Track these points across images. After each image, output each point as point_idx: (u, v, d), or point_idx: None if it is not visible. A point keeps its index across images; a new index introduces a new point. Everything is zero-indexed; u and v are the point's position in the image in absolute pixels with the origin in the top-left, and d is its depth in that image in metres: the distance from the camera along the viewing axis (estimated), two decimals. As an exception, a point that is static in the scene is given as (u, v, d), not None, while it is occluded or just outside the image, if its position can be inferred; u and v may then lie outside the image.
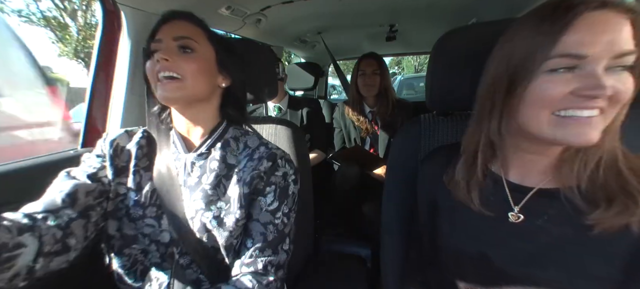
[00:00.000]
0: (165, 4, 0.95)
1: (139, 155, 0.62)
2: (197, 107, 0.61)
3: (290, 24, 1.64)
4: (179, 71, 0.55)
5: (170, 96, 0.56)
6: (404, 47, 2.52)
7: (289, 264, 0.87)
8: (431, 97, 0.70)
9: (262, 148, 0.62)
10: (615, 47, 0.36)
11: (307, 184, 0.94)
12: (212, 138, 0.62)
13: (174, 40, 0.56)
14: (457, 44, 0.65)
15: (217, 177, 0.59)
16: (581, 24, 0.37)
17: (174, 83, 0.55)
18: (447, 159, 0.55)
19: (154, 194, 0.60)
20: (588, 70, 0.37)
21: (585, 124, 0.38)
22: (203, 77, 0.58)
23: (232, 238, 0.57)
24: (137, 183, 0.60)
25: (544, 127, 0.40)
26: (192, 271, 0.59)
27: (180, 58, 0.56)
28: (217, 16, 1.18)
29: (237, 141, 0.64)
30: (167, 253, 0.59)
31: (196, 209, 0.58)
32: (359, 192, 1.46)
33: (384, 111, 1.57)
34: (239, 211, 0.57)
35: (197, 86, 0.57)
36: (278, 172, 0.60)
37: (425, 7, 1.54)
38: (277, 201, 0.59)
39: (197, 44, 0.58)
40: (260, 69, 0.85)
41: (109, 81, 0.96)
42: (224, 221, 0.57)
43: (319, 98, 2.55)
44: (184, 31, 0.57)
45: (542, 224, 0.44)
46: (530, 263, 0.44)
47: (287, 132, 0.90)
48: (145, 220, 0.59)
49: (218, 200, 0.58)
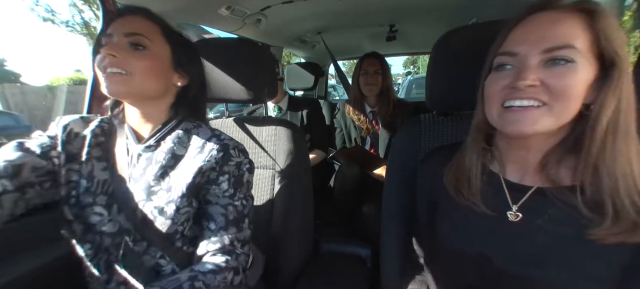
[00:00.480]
0: (165, 3, 0.95)
1: (92, 143, 0.61)
2: (148, 104, 0.60)
3: (290, 24, 1.64)
4: (127, 68, 0.54)
5: (114, 90, 0.55)
6: (404, 47, 2.51)
7: (289, 264, 0.87)
8: (431, 97, 0.70)
9: (213, 140, 0.62)
10: (545, 42, 0.40)
11: (307, 184, 0.94)
12: (162, 132, 0.62)
13: (124, 36, 0.55)
14: (457, 44, 0.65)
15: (162, 168, 0.59)
16: (521, 26, 0.43)
17: (119, 77, 0.54)
18: (447, 158, 0.55)
19: (105, 183, 0.60)
20: (520, 65, 0.42)
21: (521, 114, 0.41)
22: (154, 75, 0.57)
23: (175, 225, 0.58)
24: (89, 172, 0.59)
25: (495, 119, 0.45)
26: (149, 256, 0.59)
27: (130, 55, 0.54)
28: (217, 16, 1.18)
29: (189, 133, 0.64)
30: (113, 242, 0.59)
31: (138, 200, 0.58)
32: (359, 193, 1.46)
33: (385, 111, 1.56)
34: (180, 199, 0.58)
35: (146, 83, 0.56)
36: (231, 161, 0.61)
37: (425, 7, 1.54)
38: (232, 188, 0.61)
39: (149, 42, 0.56)
40: (260, 69, 0.85)
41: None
42: (165, 209, 0.58)
43: (319, 98, 2.55)
44: (136, 27, 0.56)
45: (542, 224, 0.44)
46: (530, 263, 0.44)
47: (287, 132, 0.90)
48: (94, 208, 0.58)
49: (160, 191, 0.59)
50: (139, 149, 0.61)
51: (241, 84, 0.82)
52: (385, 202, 0.78)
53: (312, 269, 0.89)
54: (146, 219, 0.58)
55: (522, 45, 0.42)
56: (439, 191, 0.56)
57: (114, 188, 0.59)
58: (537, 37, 0.40)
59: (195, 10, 1.12)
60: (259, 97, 0.84)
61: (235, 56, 0.83)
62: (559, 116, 0.40)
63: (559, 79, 0.39)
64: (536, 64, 0.40)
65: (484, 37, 0.49)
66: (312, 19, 1.61)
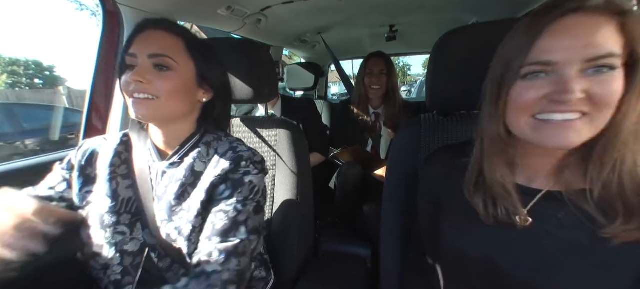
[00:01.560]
0: (165, 4, 0.95)
1: (117, 162, 0.60)
2: (173, 124, 0.59)
3: (291, 24, 1.64)
4: (153, 92, 0.53)
5: (141, 115, 0.54)
6: (404, 47, 2.52)
7: (289, 264, 0.87)
8: (431, 97, 0.70)
9: (230, 153, 0.60)
10: (588, 51, 0.36)
11: (308, 185, 0.94)
12: (185, 148, 0.60)
13: (149, 58, 0.53)
14: (457, 44, 0.65)
15: (182, 186, 0.58)
16: (552, 30, 0.38)
17: (147, 102, 0.53)
18: (451, 160, 0.55)
19: (130, 201, 0.59)
20: (559, 75, 0.38)
21: (562, 128, 0.38)
22: (180, 97, 0.56)
23: (193, 245, 0.55)
24: (114, 190, 0.58)
25: (526, 130, 0.41)
26: (172, 273, 0.58)
27: (155, 77, 0.53)
28: (217, 16, 1.18)
29: (209, 147, 0.62)
30: (132, 263, 0.57)
31: (161, 220, 0.58)
32: (360, 193, 1.45)
33: (390, 112, 1.53)
34: (195, 219, 0.56)
35: (172, 106, 0.55)
36: (239, 170, 0.58)
37: (426, 7, 1.54)
38: (230, 190, 0.56)
39: (174, 62, 0.54)
40: (260, 69, 0.85)
41: (109, 81, 0.96)
42: (183, 230, 0.56)
43: (319, 98, 2.55)
44: (160, 47, 0.54)
45: (551, 230, 0.43)
46: (538, 269, 0.43)
47: (287, 133, 0.90)
48: (118, 227, 0.57)
49: (180, 211, 0.57)
50: (163, 166, 0.60)
51: (241, 84, 0.82)
52: (385, 202, 0.78)
53: (312, 269, 0.89)
54: (168, 238, 0.57)
55: (560, 53, 0.37)
56: (443, 192, 0.55)
57: (138, 206, 0.58)
58: (578, 45, 0.37)
59: (195, 10, 1.12)
60: (259, 97, 0.84)
61: (235, 56, 0.83)
62: (599, 125, 0.38)
63: (604, 89, 0.37)
64: (577, 73, 0.37)
65: (484, 37, 0.48)
66: (312, 19, 1.61)
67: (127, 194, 0.59)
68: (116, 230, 0.57)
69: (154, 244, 0.58)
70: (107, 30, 0.93)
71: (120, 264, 0.56)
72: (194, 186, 0.58)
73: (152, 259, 0.58)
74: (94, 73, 0.94)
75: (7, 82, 11.21)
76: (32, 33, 32.32)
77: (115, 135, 0.65)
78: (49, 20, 38.40)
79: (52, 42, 35.70)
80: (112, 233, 0.56)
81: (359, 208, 1.48)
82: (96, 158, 0.61)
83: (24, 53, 23.37)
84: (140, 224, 0.58)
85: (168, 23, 0.56)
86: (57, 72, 13.96)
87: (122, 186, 0.59)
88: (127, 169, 0.61)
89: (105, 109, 0.97)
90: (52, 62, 17.72)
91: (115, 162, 0.60)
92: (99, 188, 0.58)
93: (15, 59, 13.05)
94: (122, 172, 0.60)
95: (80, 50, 31.35)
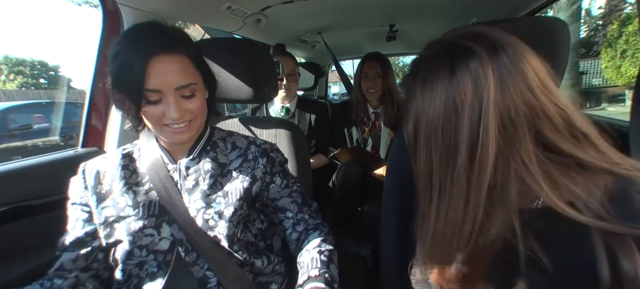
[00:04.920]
0: (165, 3, 0.95)
1: (126, 175, 0.63)
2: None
3: (291, 24, 1.64)
4: (188, 117, 0.57)
5: (180, 139, 0.58)
6: (404, 47, 2.51)
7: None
8: (431, 97, 0.70)
9: (253, 147, 0.68)
10: None
11: (307, 185, 0.94)
12: (200, 144, 0.65)
13: (175, 91, 0.54)
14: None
15: (213, 177, 0.63)
16: None
17: (187, 128, 0.57)
18: None
19: (151, 204, 0.61)
20: None
21: None
22: (205, 108, 0.61)
23: (233, 227, 0.62)
24: (133, 199, 0.61)
25: None
26: (198, 267, 0.62)
27: (185, 103, 0.56)
28: (217, 16, 1.18)
29: (225, 142, 0.69)
30: (164, 260, 0.61)
31: (197, 208, 0.61)
32: (360, 193, 1.45)
33: (389, 112, 1.54)
34: (237, 202, 0.62)
35: (201, 120, 0.61)
36: (275, 162, 0.69)
37: (426, 7, 1.54)
38: (285, 179, 0.70)
39: (196, 85, 0.57)
40: (260, 69, 0.85)
41: (109, 81, 0.96)
42: (224, 213, 0.61)
43: (320, 98, 2.55)
44: (183, 76, 0.55)
45: None
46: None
47: (288, 133, 0.90)
48: (144, 231, 0.59)
49: (217, 197, 0.62)
50: (185, 162, 0.64)
51: (241, 84, 0.82)
52: (385, 201, 0.78)
53: (312, 269, 0.88)
54: (204, 227, 0.60)
55: None
56: None
57: (162, 205, 0.61)
58: None
59: (195, 10, 1.12)
60: (259, 97, 0.84)
61: (235, 56, 0.83)
62: None
63: None
64: None
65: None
66: (312, 19, 1.61)
67: (146, 199, 0.61)
68: (144, 233, 0.59)
69: (181, 239, 0.61)
70: (107, 31, 0.93)
71: (154, 259, 0.61)
72: (224, 176, 0.65)
73: (180, 252, 0.61)
74: (94, 73, 0.94)
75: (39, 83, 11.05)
76: (37, 33, 32.34)
77: (114, 152, 0.67)
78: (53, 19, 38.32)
79: (58, 41, 35.66)
80: (141, 237, 0.59)
81: (358, 208, 1.48)
82: (103, 176, 0.63)
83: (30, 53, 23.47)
84: (166, 223, 0.61)
85: (177, 44, 0.55)
86: (62, 72, 14.06)
87: (140, 193, 0.62)
88: (139, 177, 0.63)
89: (105, 109, 0.97)
90: (57, 62, 17.76)
91: (125, 175, 0.62)
92: (116, 202, 0.61)
93: (21, 59, 13.11)
94: (135, 180, 0.63)
95: (86, 48, 31.41)
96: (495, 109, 0.36)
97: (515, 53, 0.37)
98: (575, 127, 0.38)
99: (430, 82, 0.39)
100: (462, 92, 0.37)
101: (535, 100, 0.37)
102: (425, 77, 0.40)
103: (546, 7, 1.39)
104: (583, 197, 0.35)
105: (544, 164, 0.37)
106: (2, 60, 12.84)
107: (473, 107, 0.36)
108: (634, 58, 6.54)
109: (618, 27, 6.88)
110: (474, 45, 0.38)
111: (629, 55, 6.67)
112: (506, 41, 0.38)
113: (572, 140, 0.38)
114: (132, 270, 0.61)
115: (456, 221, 0.39)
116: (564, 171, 0.37)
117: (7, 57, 13.08)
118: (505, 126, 0.36)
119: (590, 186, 0.36)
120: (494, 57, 0.37)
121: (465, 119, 0.37)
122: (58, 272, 0.59)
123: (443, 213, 0.40)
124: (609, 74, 7.35)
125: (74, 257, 0.60)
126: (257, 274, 0.67)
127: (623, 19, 6.91)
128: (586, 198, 0.35)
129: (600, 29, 10.06)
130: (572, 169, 0.37)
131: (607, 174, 0.36)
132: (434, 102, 0.39)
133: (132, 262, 0.60)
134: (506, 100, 0.36)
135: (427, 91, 0.40)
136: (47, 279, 0.58)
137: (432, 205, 0.42)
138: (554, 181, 0.37)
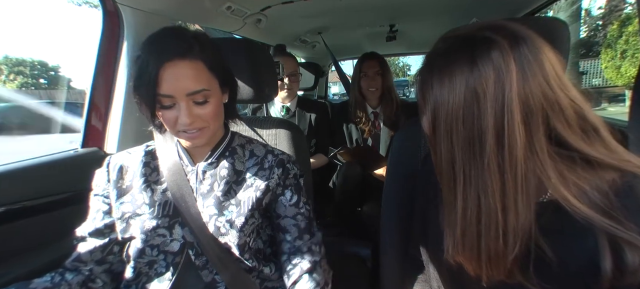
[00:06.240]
0: (165, 4, 0.95)
1: (147, 172, 0.63)
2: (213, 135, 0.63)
3: (291, 24, 1.64)
4: (201, 124, 0.57)
5: (194, 144, 0.60)
6: (404, 47, 2.52)
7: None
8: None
9: (270, 156, 0.67)
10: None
11: (307, 185, 0.94)
12: (219, 149, 0.65)
13: (187, 97, 0.54)
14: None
15: (228, 184, 0.63)
16: None
17: (200, 133, 0.57)
18: None
19: (166, 204, 0.61)
20: None
21: None
22: (220, 114, 0.61)
23: (245, 236, 0.61)
24: (150, 197, 0.61)
25: None
26: (208, 271, 0.62)
27: (198, 109, 0.56)
28: (217, 16, 1.18)
29: (243, 148, 0.68)
30: (173, 261, 0.61)
31: (210, 215, 0.61)
32: (359, 193, 1.45)
33: (389, 111, 1.55)
34: (249, 212, 0.61)
35: (216, 124, 0.60)
36: (290, 175, 0.67)
37: (425, 8, 1.54)
38: (296, 195, 0.67)
39: (209, 91, 0.56)
40: (260, 69, 0.85)
41: (109, 81, 0.96)
42: (235, 222, 0.60)
43: (320, 98, 2.55)
44: (195, 82, 0.54)
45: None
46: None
47: (288, 134, 0.90)
48: (157, 230, 0.60)
49: (230, 205, 0.62)
50: (203, 166, 0.63)
51: (241, 84, 0.82)
52: (385, 201, 0.78)
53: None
54: (215, 233, 0.60)
55: None
56: (440, 190, 0.55)
57: (175, 206, 0.61)
58: None
59: (195, 10, 1.12)
60: (259, 97, 0.84)
61: (235, 56, 0.83)
62: None
63: None
64: None
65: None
66: (312, 19, 1.61)
67: (162, 199, 0.62)
68: (157, 233, 0.60)
69: (192, 242, 0.61)
70: (107, 31, 0.93)
71: (164, 260, 0.61)
72: (239, 183, 0.64)
73: (190, 255, 0.61)
74: (94, 73, 0.94)
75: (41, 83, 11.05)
76: (37, 33, 32.36)
77: (139, 148, 0.67)
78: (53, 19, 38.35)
79: (58, 41, 35.70)
80: (154, 236, 0.60)
81: (358, 208, 1.48)
82: (126, 171, 0.64)
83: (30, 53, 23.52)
84: (178, 225, 0.61)
85: (190, 50, 0.54)
86: (62, 72, 14.09)
87: (157, 192, 0.62)
88: (159, 176, 0.64)
89: (105, 109, 0.97)
90: (57, 62, 17.90)
91: (146, 172, 0.63)
92: (135, 198, 0.61)
93: (21, 59, 13.11)
94: (154, 179, 0.64)
95: (87, 48, 31.41)
96: (518, 98, 0.36)
97: (534, 45, 0.38)
98: (587, 122, 0.39)
99: (449, 73, 0.39)
100: (484, 81, 0.37)
101: (551, 92, 0.37)
102: (443, 68, 0.40)
103: (546, 7, 1.39)
104: (588, 191, 0.36)
105: (553, 157, 0.37)
106: (2, 60, 12.85)
107: (496, 96, 0.37)
108: (634, 58, 6.55)
109: (618, 27, 6.89)
110: (495, 36, 0.38)
111: (629, 55, 6.67)
112: (525, 33, 0.38)
113: (582, 135, 0.38)
114: (142, 268, 0.61)
115: (493, 209, 0.39)
116: (570, 165, 0.38)
117: (7, 57, 13.10)
118: (526, 116, 0.37)
119: (596, 180, 0.36)
120: (515, 47, 0.37)
121: (489, 108, 0.37)
122: (74, 263, 0.60)
123: (473, 201, 0.40)
124: (609, 74, 7.35)
125: (91, 248, 0.61)
126: (265, 280, 0.67)
127: (623, 19, 6.91)
128: (591, 192, 0.35)
129: (600, 29, 10.06)
130: (577, 164, 0.38)
131: (615, 170, 0.37)
132: (454, 91, 0.39)
133: (142, 260, 0.60)
134: (526, 90, 0.36)
135: (445, 81, 0.39)
136: (59, 273, 0.58)
137: (457, 194, 0.41)
138: (562, 174, 0.37)
